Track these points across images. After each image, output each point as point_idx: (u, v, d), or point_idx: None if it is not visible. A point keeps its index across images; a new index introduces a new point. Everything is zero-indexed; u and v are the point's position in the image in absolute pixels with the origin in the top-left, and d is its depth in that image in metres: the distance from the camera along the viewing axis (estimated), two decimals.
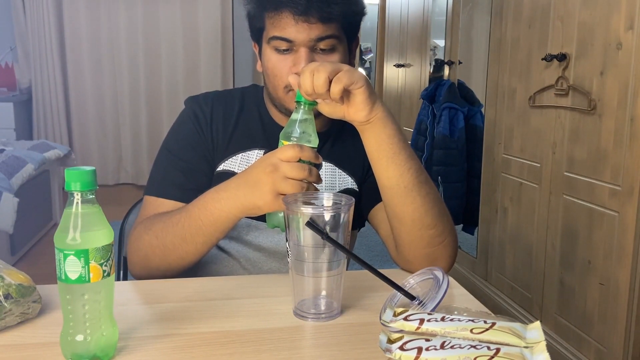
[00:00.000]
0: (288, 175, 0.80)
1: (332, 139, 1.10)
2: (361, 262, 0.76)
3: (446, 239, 0.94)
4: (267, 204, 0.82)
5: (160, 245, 0.93)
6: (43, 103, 4.85)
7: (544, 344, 0.57)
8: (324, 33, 0.95)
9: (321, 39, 0.95)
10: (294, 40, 0.94)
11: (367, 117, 0.86)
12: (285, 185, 0.80)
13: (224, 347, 0.69)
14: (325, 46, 0.97)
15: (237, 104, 1.09)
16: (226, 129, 1.06)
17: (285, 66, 0.96)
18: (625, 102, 1.68)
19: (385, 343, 0.59)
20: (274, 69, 0.98)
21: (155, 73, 5.06)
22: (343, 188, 1.08)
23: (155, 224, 0.95)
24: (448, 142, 2.82)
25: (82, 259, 0.61)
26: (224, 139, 1.05)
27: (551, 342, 2.03)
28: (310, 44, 0.95)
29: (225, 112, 1.07)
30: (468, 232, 2.94)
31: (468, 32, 2.92)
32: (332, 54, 0.98)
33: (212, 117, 1.06)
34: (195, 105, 1.07)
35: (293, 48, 0.95)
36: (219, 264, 1.06)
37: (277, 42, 0.96)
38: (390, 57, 4.02)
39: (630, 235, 1.66)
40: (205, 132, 1.05)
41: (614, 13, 1.72)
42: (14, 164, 3.00)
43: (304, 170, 0.80)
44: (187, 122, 1.06)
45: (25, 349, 0.67)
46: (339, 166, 1.09)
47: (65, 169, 0.62)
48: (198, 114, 1.06)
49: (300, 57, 0.95)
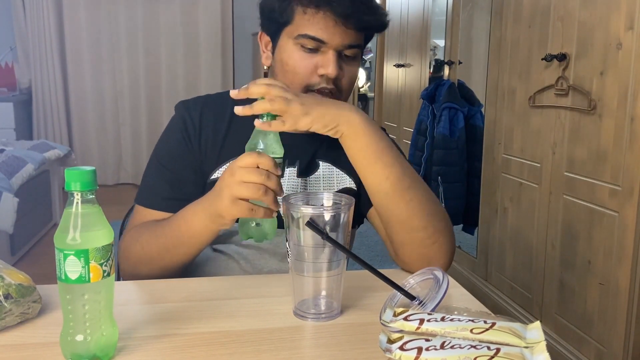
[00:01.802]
0: (244, 179, 0.79)
1: (328, 139, 1.09)
2: (361, 262, 0.76)
3: (439, 239, 0.93)
4: (226, 208, 0.81)
5: (146, 256, 0.94)
6: (43, 103, 4.85)
7: (544, 344, 0.57)
8: (355, 41, 0.96)
9: (351, 46, 0.96)
10: (327, 42, 0.93)
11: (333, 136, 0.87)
12: (240, 189, 0.79)
13: (224, 347, 0.69)
14: (351, 54, 0.97)
15: (229, 108, 1.06)
16: (217, 136, 1.04)
17: (310, 65, 0.95)
18: (625, 102, 1.68)
19: (385, 343, 0.59)
20: (297, 66, 0.96)
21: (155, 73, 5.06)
22: (341, 187, 1.08)
23: (142, 234, 0.96)
24: (448, 142, 2.82)
25: (82, 259, 0.61)
26: (215, 146, 1.04)
27: (551, 342, 2.03)
28: (340, 49, 0.95)
29: (216, 118, 1.05)
30: (468, 232, 2.94)
31: (468, 32, 2.92)
32: (354, 62, 0.99)
33: (202, 124, 1.04)
34: (184, 111, 1.05)
35: (321, 49, 0.95)
36: (218, 266, 1.05)
37: (306, 41, 0.94)
38: (390, 57, 4.02)
39: (630, 235, 1.66)
40: (194, 141, 1.03)
41: (614, 13, 1.72)
42: (14, 164, 3.00)
43: (260, 175, 0.79)
44: (176, 131, 1.04)
45: (25, 349, 0.67)
46: (336, 165, 1.08)
47: (65, 169, 0.62)
48: (187, 121, 1.04)
49: (329, 60, 0.94)
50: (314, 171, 1.07)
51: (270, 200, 0.80)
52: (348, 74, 0.98)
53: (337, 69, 0.95)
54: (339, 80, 0.97)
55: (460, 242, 3.00)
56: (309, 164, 1.07)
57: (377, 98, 4.44)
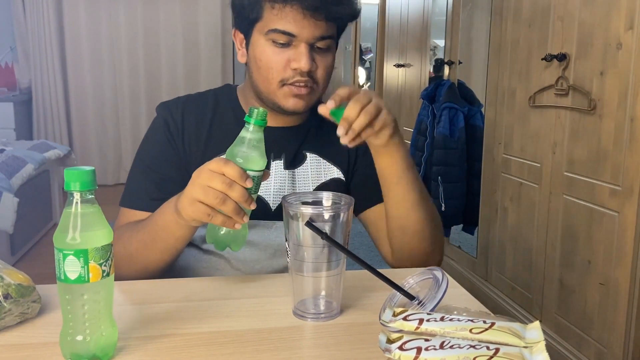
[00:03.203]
0: (205, 183, 0.77)
1: (313, 130, 1.09)
2: (361, 262, 0.76)
3: (439, 243, 1.04)
4: (184, 207, 0.80)
5: (127, 254, 0.93)
6: (43, 103, 4.85)
7: (543, 344, 0.57)
8: (326, 32, 0.95)
9: (323, 37, 0.95)
10: (297, 35, 0.93)
11: (385, 144, 0.90)
12: (199, 191, 0.77)
13: (223, 347, 0.69)
14: (323, 45, 0.97)
15: (210, 107, 1.07)
16: (200, 135, 1.04)
17: (282, 60, 0.95)
18: (625, 102, 1.68)
19: (385, 343, 0.59)
20: (269, 62, 0.96)
21: (155, 73, 5.06)
22: (329, 178, 1.08)
23: (125, 233, 0.96)
24: (448, 142, 2.82)
25: (82, 259, 0.61)
26: (199, 146, 1.04)
27: (551, 342, 2.03)
28: (311, 41, 0.94)
29: (198, 118, 1.05)
30: (468, 232, 2.94)
31: (468, 32, 2.92)
32: (328, 54, 0.99)
33: (184, 124, 1.04)
34: (166, 112, 1.05)
35: (292, 43, 0.94)
36: (208, 266, 1.05)
37: (276, 35, 0.94)
38: (390, 57, 4.02)
39: (630, 235, 1.66)
40: (177, 140, 1.03)
41: (614, 13, 1.72)
42: (14, 164, 3.00)
43: (222, 183, 0.76)
44: (159, 131, 1.04)
45: (25, 349, 0.67)
46: (323, 156, 1.09)
47: (64, 169, 0.62)
48: (169, 121, 1.04)
49: (301, 54, 0.94)
50: (301, 163, 1.07)
51: (230, 210, 0.77)
52: (322, 65, 0.98)
53: (310, 62, 0.94)
54: (313, 72, 0.97)
55: (460, 242, 3.00)
56: (295, 155, 1.07)
57: None
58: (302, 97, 0.98)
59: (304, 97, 0.98)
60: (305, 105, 0.99)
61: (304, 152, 1.08)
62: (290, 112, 1.00)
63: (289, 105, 0.98)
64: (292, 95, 0.97)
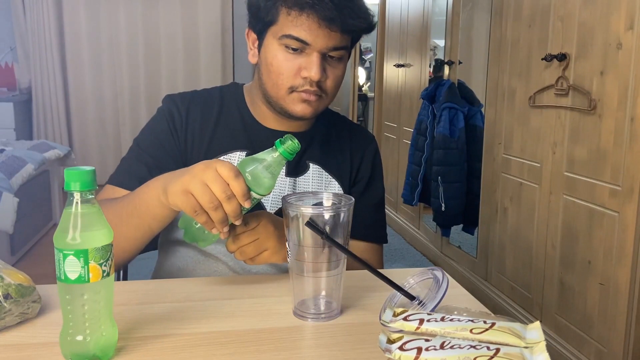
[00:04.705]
0: (208, 183, 0.75)
1: (318, 138, 1.09)
2: (361, 262, 0.76)
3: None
4: (174, 192, 0.77)
5: None
6: (43, 103, 4.85)
7: (544, 344, 0.57)
8: (339, 43, 0.95)
9: (336, 48, 0.95)
10: (310, 43, 0.93)
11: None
12: (197, 186, 0.75)
13: (224, 347, 0.69)
14: (336, 55, 0.97)
15: (217, 104, 1.07)
16: (204, 131, 1.04)
17: (293, 66, 0.95)
18: (625, 102, 1.68)
19: (385, 343, 0.59)
20: (280, 67, 0.96)
21: (155, 73, 5.06)
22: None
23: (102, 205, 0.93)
24: (448, 142, 2.82)
25: (82, 259, 0.61)
26: (202, 142, 1.03)
27: (551, 342, 2.03)
28: (324, 51, 0.94)
29: (204, 114, 1.05)
30: (468, 232, 2.94)
31: (468, 32, 2.92)
32: (339, 64, 0.99)
33: (188, 119, 1.04)
34: (172, 104, 1.06)
35: (305, 50, 0.94)
36: (206, 268, 1.05)
37: (290, 41, 0.94)
38: (390, 57, 4.02)
39: (630, 235, 1.66)
40: (179, 133, 1.03)
41: (614, 13, 1.72)
42: (14, 164, 3.00)
43: (223, 192, 0.75)
44: (162, 120, 1.05)
45: (25, 349, 0.67)
46: (326, 169, 1.09)
47: (64, 169, 0.62)
48: (174, 113, 1.04)
49: (313, 63, 0.94)
50: (303, 172, 1.07)
51: (217, 219, 0.77)
52: (332, 76, 0.98)
53: (321, 72, 0.94)
54: (323, 82, 0.97)
55: (460, 242, 3.00)
56: (298, 163, 1.07)
57: (377, 98, 4.44)
58: (311, 104, 0.97)
59: (312, 104, 0.98)
60: (313, 111, 0.99)
61: (307, 161, 1.08)
62: (297, 118, 1.00)
63: (297, 111, 0.98)
64: (301, 101, 0.97)
